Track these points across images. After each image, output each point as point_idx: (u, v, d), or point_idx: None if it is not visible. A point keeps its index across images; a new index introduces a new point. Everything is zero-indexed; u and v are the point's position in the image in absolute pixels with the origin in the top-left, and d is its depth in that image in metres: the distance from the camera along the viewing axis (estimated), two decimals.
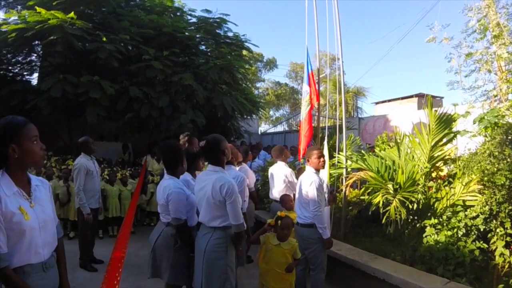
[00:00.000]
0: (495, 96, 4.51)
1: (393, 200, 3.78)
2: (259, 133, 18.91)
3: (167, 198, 2.76)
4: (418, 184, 3.81)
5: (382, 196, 3.56)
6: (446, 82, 5.81)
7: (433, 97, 12.38)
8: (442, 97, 13.20)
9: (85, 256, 4.56)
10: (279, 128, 23.88)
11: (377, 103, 15.96)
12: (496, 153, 3.33)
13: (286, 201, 4.18)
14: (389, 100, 14.69)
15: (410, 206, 3.61)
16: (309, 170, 3.62)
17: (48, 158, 7.92)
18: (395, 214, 3.92)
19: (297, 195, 3.68)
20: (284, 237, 2.98)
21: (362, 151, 5.33)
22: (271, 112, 30.46)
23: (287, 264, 2.94)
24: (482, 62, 5.21)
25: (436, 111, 3.78)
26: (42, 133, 1.66)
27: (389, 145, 5.56)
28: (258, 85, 27.13)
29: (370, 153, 5.20)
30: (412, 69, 47.03)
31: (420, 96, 12.67)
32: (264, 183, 6.65)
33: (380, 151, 4.99)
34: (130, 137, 10.65)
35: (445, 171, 4.53)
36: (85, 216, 4.36)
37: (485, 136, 3.74)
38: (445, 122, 3.82)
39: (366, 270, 3.59)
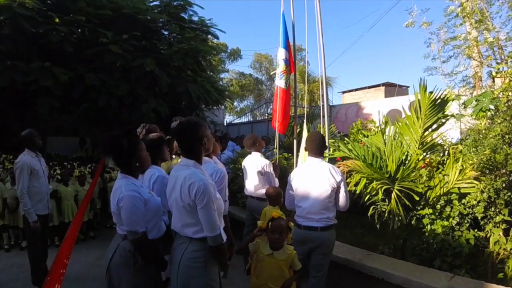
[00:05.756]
0: (480, 79, 4.39)
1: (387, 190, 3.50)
2: (225, 124, 18.42)
3: (118, 205, 2.10)
4: (413, 172, 3.54)
5: (381, 187, 3.23)
6: (424, 68, 5.73)
7: (400, 86, 12.56)
8: (408, 86, 13.44)
9: (37, 271, 3.85)
10: (244, 119, 23.53)
11: (344, 92, 16.02)
12: (507, 137, 3.13)
13: (275, 195, 3.61)
14: (356, 89, 14.73)
15: (417, 198, 3.31)
16: (321, 161, 3.02)
17: None
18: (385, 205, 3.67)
19: (309, 196, 2.97)
20: (277, 244, 2.46)
21: (346, 139, 5.07)
22: (236, 103, 29.97)
23: (283, 277, 2.42)
24: (463, 48, 5.11)
25: (431, 93, 3.50)
26: None
27: (371, 132, 5.33)
28: (222, 76, 26.45)
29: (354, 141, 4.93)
30: (378, 59, 48.47)
31: (387, 85, 12.81)
32: (235, 176, 6.19)
33: (363, 137, 4.73)
34: (90, 130, 9.76)
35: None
36: (31, 224, 3.67)
37: (492, 118, 3.53)
38: (439, 105, 3.57)
39: (362, 269, 3.26)
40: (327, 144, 4.54)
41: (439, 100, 3.53)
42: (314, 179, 2.93)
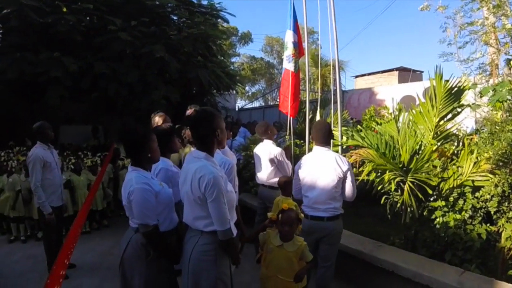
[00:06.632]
0: (497, 67, 4.21)
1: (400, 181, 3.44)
2: (237, 109, 18.31)
3: (129, 198, 2.13)
4: (427, 163, 3.46)
5: (394, 178, 3.16)
6: (439, 53, 5.52)
7: (414, 71, 12.24)
8: (422, 71, 13.09)
9: (53, 262, 3.96)
10: (256, 104, 23.36)
11: (356, 76, 15.71)
12: None
13: (287, 184, 3.56)
14: (370, 74, 14.43)
15: (430, 191, 3.24)
16: (327, 151, 2.98)
17: (9, 149, 7.04)
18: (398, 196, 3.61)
19: (315, 186, 2.93)
20: (287, 236, 2.45)
21: (359, 126, 4.98)
22: (247, 88, 29.69)
23: (292, 269, 2.40)
24: (480, 33, 4.90)
25: (447, 81, 3.37)
26: (3, 121, 1.06)
27: (384, 120, 5.22)
28: (233, 60, 26.12)
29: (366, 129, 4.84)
30: (391, 43, 47.21)
31: (401, 69, 12.51)
32: (247, 163, 6.17)
33: (377, 124, 4.65)
34: (102, 119, 9.75)
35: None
36: (46, 217, 3.73)
37: (509, 109, 3.40)
38: (455, 94, 3.45)
39: (372, 261, 3.25)
40: (339, 131, 4.47)
41: (455, 89, 3.41)
42: (320, 169, 2.90)
